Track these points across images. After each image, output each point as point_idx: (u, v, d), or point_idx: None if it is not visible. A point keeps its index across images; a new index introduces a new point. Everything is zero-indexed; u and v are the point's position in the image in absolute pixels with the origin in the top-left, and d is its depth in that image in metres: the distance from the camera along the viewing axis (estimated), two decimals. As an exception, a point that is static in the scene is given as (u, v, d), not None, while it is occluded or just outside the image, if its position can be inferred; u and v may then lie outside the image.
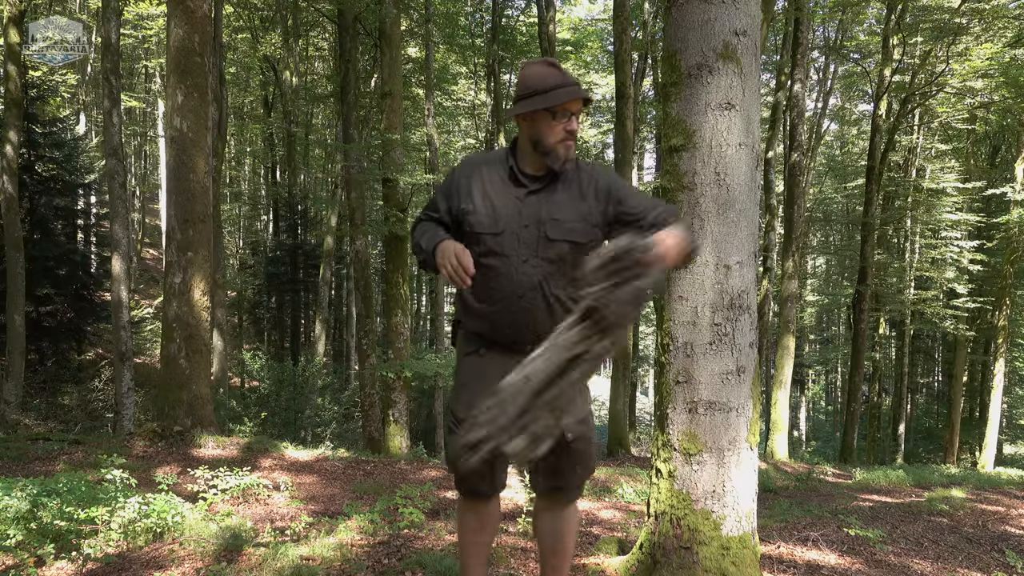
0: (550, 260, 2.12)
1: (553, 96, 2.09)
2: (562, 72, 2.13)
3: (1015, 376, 24.19)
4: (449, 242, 2.10)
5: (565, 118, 2.11)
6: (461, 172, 2.24)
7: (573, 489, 2.33)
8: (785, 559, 3.85)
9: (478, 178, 2.20)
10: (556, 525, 2.39)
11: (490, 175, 2.20)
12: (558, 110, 2.10)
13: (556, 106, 2.10)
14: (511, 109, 2.19)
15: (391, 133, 10.53)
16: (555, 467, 2.28)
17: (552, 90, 2.10)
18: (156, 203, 30.69)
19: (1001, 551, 4.61)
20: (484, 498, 2.37)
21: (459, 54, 20.35)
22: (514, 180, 2.17)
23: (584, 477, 2.35)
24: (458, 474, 2.33)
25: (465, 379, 2.29)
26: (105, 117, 11.20)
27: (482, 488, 2.33)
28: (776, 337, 15.23)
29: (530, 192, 2.15)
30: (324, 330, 19.04)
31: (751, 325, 2.95)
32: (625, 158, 12.60)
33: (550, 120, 2.11)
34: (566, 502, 2.37)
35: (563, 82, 2.11)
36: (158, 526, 3.76)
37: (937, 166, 20.34)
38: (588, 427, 2.28)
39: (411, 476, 6.88)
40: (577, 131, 2.16)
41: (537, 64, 2.17)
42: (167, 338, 7.34)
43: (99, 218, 18.16)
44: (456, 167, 2.28)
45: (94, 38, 20.02)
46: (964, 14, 15.61)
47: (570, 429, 2.22)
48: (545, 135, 2.12)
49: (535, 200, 2.15)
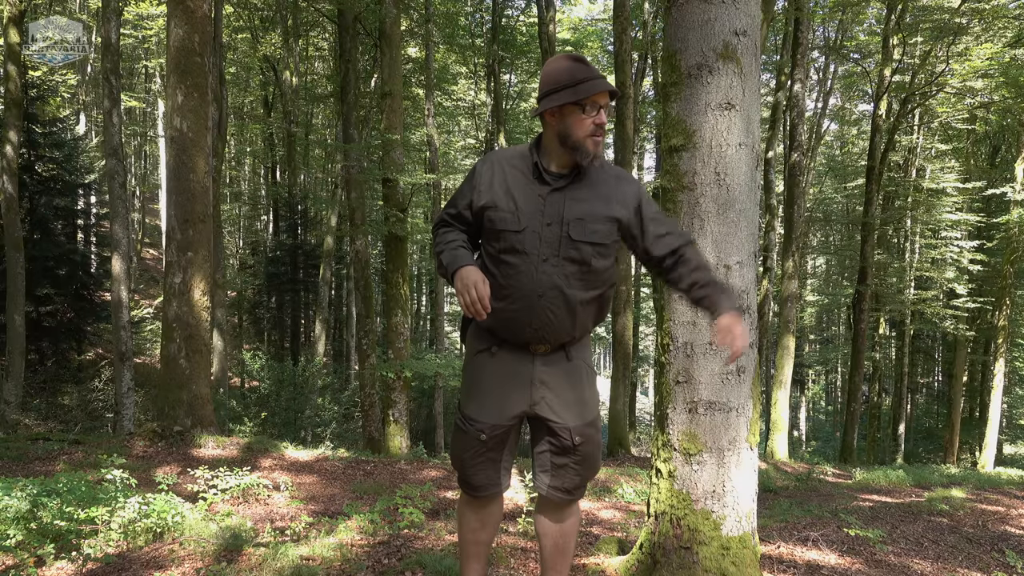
0: (571, 260, 2.10)
1: (582, 89, 2.06)
2: (588, 66, 2.11)
3: (1015, 376, 24.18)
4: (470, 269, 2.05)
5: (595, 111, 2.08)
6: (484, 167, 2.20)
7: (576, 490, 2.33)
8: (785, 559, 3.85)
9: (501, 174, 2.17)
10: (558, 525, 2.39)
11: (513, 171, 2.17)
12: (587, 103, 2.07)
13: (585, 99, 2.06)
14: (538, 106, 2.15)
15: (391, 133, 10.53)
16: (560, 469, 2.28)
17: (580, 83, 2.07)
18: (156, 203, 30.69)
19: (1001, 551, 4.61)
20: (487, 497, 2.37)
21: (459, 54, 20.35)
22: (538, 177, 2.14)
23: (588, 479, 2.35)
24: (462, 472, 2.34)
25: (475, 378, 2.28)
26: (105, 117, 11.20)
27: (486, 488, 2.33)
28: (776, 337, 15.23)
29: (554, 190, 2.13)
30: (324, 330, 19.04)
31: (751, 325, 2.95)
32: (625, 158, 12.59)
33: (579, 114, 2.08)
34: (570, 503, 2.37)
35: (590, 75, 2.08)
36: (158, 526, 3.76)
37: (937, 166, 20.34)
38: (595, 430, 2.28)
39: (411, 476, 6.88)
40: (605, 124, 2.14)
41: (562, 59, 2.14)
42: (167, 338, 7.34)
43: (99, 218, 18.16)
44: (479, 162, 2.25)
45: (94, 38, 20.03)
46: (964, 14, 15.61)
47: (578, 432, 2.23)
48: (574, 129, 2.09)
49: (558, 198, 2.12)
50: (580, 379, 2.25)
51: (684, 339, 2.93)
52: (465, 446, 2.26)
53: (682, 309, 2.94)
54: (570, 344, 2.23)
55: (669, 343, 2.98)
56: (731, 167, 2.87)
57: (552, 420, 2.21)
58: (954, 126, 20.22)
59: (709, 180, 2.89)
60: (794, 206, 14.33)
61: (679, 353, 2.94)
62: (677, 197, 2.96)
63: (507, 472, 2.36)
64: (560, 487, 2.30)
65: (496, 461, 2.30)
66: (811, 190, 23.77)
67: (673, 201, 2.98)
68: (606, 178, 2.18)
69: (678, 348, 2.94)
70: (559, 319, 2.12)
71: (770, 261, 15.22)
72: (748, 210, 2.92)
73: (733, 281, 2.89)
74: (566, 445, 2.24)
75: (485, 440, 2.23)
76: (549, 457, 2.29)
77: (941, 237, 21.04)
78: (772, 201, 15.53)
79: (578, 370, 2.24)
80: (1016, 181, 17.38)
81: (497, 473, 2.32)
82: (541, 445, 2.29)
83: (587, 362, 2.29)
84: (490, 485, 2.32)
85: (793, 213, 14.33)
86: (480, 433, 2.22)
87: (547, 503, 2.38)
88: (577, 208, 2.11)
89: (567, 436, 2.22)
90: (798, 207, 14.47)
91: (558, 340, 2.17)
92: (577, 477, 2.30)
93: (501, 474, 2.33)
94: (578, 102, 2.06)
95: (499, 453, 2.29)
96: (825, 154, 27.50)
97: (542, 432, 2.27)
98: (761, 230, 7.53)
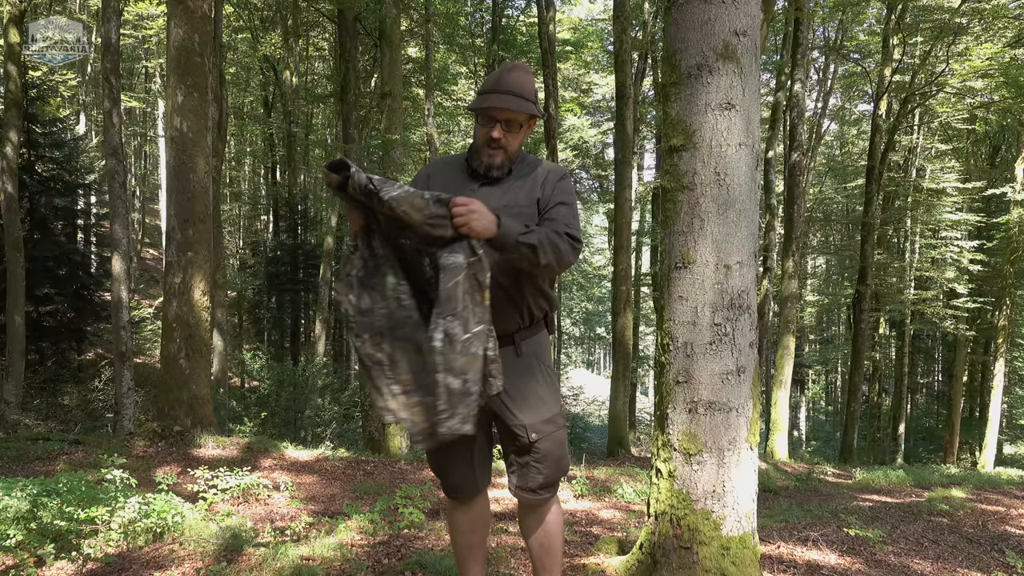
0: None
1: (478, 100, 2.16)
2: (506, 79, 2.14)
3: (1015, 376, 24.18)
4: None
5: (491, 124, 2.14)
6: (421, 173, 2.33)
7: (542, 489, 2.30)
8: (785, 559, 3.85)
9: (437, 175, 2.28)
10: (539, 525, 2.39)
11: (448, 171, 2.28)
12: (480, 114, 2.16)
13: (479, 110, 2.16)
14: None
15: (391, 133, 10.54)
16: (523, 468, 2.28)
17: (482, 93, 2.16)
18: (156, 203, 30.69)
19: (1001, 551, 4.61)
20: (467, 498, 2.37)
21: (459, 54, 20.35)
22: (471, 174, 2.23)
23: (553, 477, 2.31)
24: (438, 475, 2.36)
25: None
26: (105, 117, 11.20)
27: (464, 488, 2.34)
28: (776, 337, 15.23)
29: (484, 184, 2.20)
30: (324, 330, 19.02)
31: (751, 325, 2.95)
32: (625, 158, 12.60)
33: (480, 122, 2.18)
34: (538, 503, 2.35)
35: (494, 88, 2.13)
36: (158, 526, 3.76)
37: (937, 166, 20.35)
38: (555, 427, 2.26)
39: (411, 476, 6.88)
40: (501, 140, 2.16)
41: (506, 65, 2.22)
42: (167, 338, 7.34)
43: (99, 218, 18.17)
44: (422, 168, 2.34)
45: (94, 38, 20.03)
46: (964, 14, 15.61)
47: (534, 428, 2.22)
48: (477, 135, 2.20)
49: (487, 191, 2.17)
50: (532, 375, 2.25)
51: (684, 339, 2.93)
52: (434, 448, 2.26)
53: (682, 309, 2.94)
54: (518, 336, 2.23)
55: (669, 343, 2.98)
56: (731, 167, 2.87)
57: (506, 417, 2.21)
58: (954, 126, 20.22)
59: (709, 180, 2.89)
60: (794, 206, 14.34)
61: (679, 353, 2.94)
62: (677, 197, 2.96)
63: (484, 471, 2.36)
64: (525, 487, 2.29)
65: (468, 459, 2.31)
66: (811, 190, 23.76)
67: (673, 201, 2.98)
68: (540, 172, 2.24)
69: (678, 348, 2.94)
70: (500, 309, 2.11)
71: (770, 261, 15.22)
72: (748, 210, 2.92)
73: (733, 281, 2.89)
74: (523, 444, 2.23)
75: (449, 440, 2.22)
76: (513, 457, 2.30)
77: (941, 237, 21.05)
78: (772, 201, 15.53)
79: (529, 366, 2.24)
80: (1016, 181, 17.39)
81: (471, 472, 2.32)
82: (506, 447, 2.31)
83: (540, 358, 2.28)
84: (466, 485, 2.33)
85: (793, 213, 14.33)
86: None
87: (522, 504, 2.39)
88: (504, 198, 2.17)
89: (523, 433, 2.21)
90: (798, 207, 14.47)
91: (501, 330, 2.15)
92: (540, 476, 2.27)
93: (477, 473, 2.33)
94: (475, 111, 2.16)
95: (469, 451, 2.29)
96: (825, 154, 27.49)
97: (503, 433, 2.28)
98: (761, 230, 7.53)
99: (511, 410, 2.20)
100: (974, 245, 19.25)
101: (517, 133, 2.19)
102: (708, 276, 2.88)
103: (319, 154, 25.08)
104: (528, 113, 2.16)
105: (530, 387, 2.23)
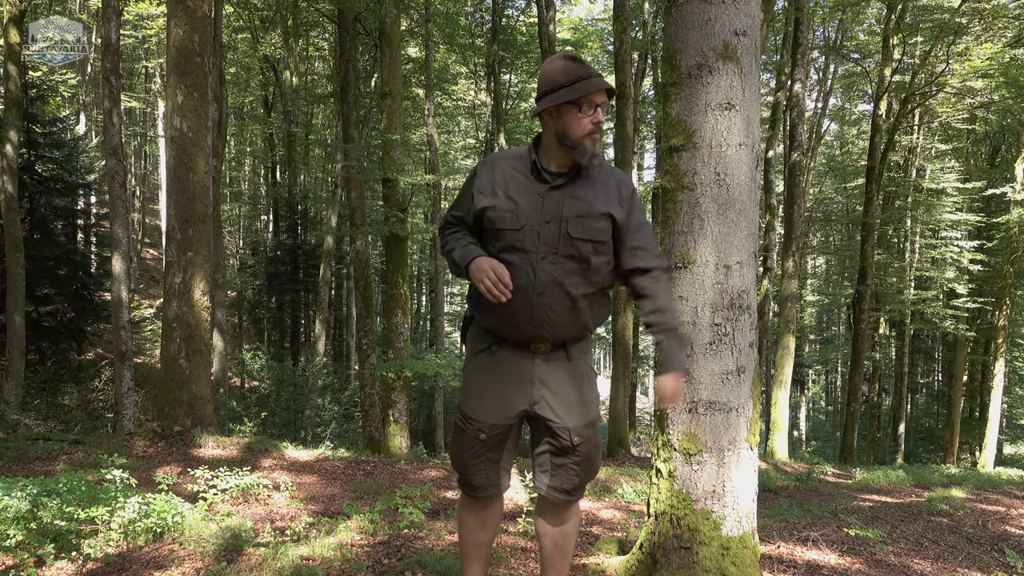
0: (570, 257, 2.11)
1: (578, 88, 2.09)
2: (584, 65, 2.13)
3: (1015, 376, 24.18)
4: (483, 259, 2.09)
5: (591, 110, 2.10)
6: (483, 169, 2.23)
7: (576, 491, 2.34)
8: (785, 559, 3.85)
9: (500, 174, 2.19)
10: (557, 526, 2.39)
11: (512, 171, 2.19)
12: (583, 102, 2.09)
13: (581, 98, 2.08)
14: (536, 106, 2.17)
15: (391, 133, 10.53)
16: (559, 469, 2.29)
17: (576, 82, 2.09)
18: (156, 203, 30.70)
19: (1001, 551, 4.61)
20: (487, 498, 2.37)
21: (459, 54, 20.35)
22: (537, 176, 2.16)
23: (587, 480, 2.35)
24: (462, 473, 2.34)
25: (475, 377, 2.28)
26: (105, 117, 11.20)
27: (487, 488, 2.33)
28: (776, 337, 15.23)
29: (552, 188, 2.14)
30: (324, 330, 19.03)
31: (751, 325, 2.95)
32: (625, 158, 12.59)
33: (576, 113, 2.10)
34: (569, 503, 2.37)
35: (587, 74, 2.10)
36: (158, 526, 3.76)
37: (937, 166, 20.34)
38: (595, 431, 2.28)
39: (411, 476, 6.88)
40: (603, 123, 2.15)
41: (558, 59, 2.16)
42: (167, 338, 7.34)
43: (99, 218, 18.16)
44: (479, 164, 2.27)
45: (94, 38, 20.03)
46: (964, 14, 15.60)
47: (577, 432, 2.23)
48: (572, 129, 2.11)
49: (557, 196, 2.13)
50: (580, 379, 2.25)
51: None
52: (465, 446, 2.26)
53: (682, 309, 2.94)
54: (571, 343, 2.23)
55: (669, 343, 2.98)
56: (731, 167, 2.87)
57: (551, 420, 2.21)
58: (954, 126, 20.21)
59: (709, 180, 2.89)
60: (794, 206, 14.33)
61: (679, 353, 2.94)
62: (677, 197, 2.96)
63: (507, 473, 2.36)
64: (559, 487, 2.30)
65: (496, 461, 2.30)
66: (811, 190, 23.77)
67: (673, 201, 2.98)
68: (605, 178, 2.20)
69: (678, 348, 2.94)
70: (558, 316, 2.13)
71: (770, 261, 15.22)
72: (748, 210, 2.92)
73: (733, 281, 2.89)
74: (565, 445, 2.24)
75: (485, 439, 2.23)
76: (548, 457, 2.29)
77: (941, 237, 21.05)
78: (772, 201, 15.53)
79: (578, 370, 2.25)
80: (1016, 181, 17.38)
81: (497, 473, 2.32)
82: (541, 445, 2.30)
83: (588, 363, 2.29)
84: (490, 486, 2.32)
85: (793, 213, 14.32)
86: (480, 432, 2.22)
87: (547, 504, 2.38)
88: (576, 206, 2.12)
89: (566, 436, 2.22)
90: (798, 207, 14.46)
91: (558, 338, 2.17)
92: (576, 478, 2.30)
93: (501, 475, 2.33)
94: (575, 101, 2.08)
95: (499, 453, 2.29)
96: (825, 154, 27.49)
97: (542, 432, 2.27)
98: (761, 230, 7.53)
99: (557, 412, 2.21)
100: (974, 245, 19.25)
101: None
102: (708, 276, 2.88)
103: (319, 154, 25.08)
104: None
105: (578, 391, 2.24)
